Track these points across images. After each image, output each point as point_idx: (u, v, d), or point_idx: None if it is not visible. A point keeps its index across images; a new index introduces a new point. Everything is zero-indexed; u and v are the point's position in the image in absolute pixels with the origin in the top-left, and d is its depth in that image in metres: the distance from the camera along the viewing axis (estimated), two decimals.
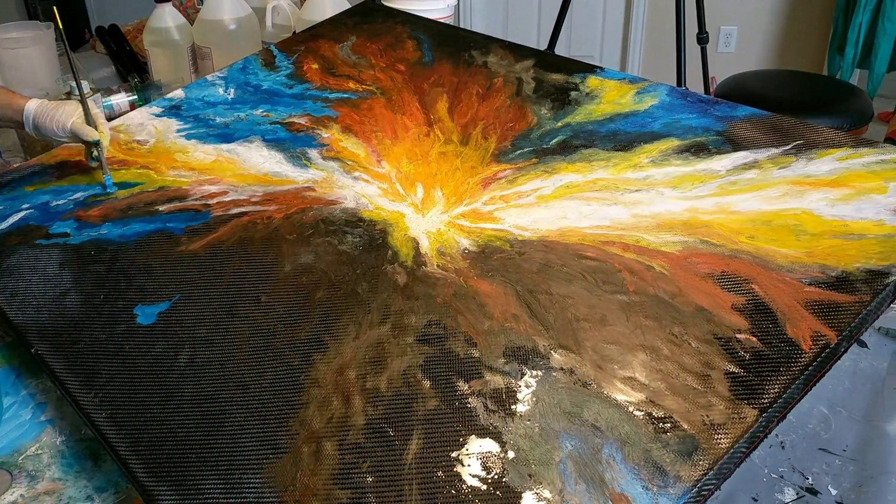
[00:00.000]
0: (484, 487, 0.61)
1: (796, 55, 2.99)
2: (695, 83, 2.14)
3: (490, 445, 0.64)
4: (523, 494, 0.60)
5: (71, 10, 3.67)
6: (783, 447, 0.83)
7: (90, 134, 1.06)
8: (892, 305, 1.02)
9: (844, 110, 1.73)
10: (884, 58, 2.51)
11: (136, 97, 1.49)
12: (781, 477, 0.80)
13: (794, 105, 1.74)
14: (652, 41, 2.78)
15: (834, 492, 0.78)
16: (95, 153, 1.08)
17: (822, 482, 0.79)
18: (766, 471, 0.80)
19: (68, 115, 1.07)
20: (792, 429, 0.85)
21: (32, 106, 1.09)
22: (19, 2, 3.78)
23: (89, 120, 1.07)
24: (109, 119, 1.21)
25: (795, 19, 2.94)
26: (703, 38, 2.16)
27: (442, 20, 1.62)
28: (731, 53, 2.99)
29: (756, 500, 0.77)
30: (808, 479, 0.79)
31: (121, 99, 1.49)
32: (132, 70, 1.69)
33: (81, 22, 3.81)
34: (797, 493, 0.78)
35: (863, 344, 0.97)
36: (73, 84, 1.33)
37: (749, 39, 2.99)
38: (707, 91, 2.20)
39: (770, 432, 0.65)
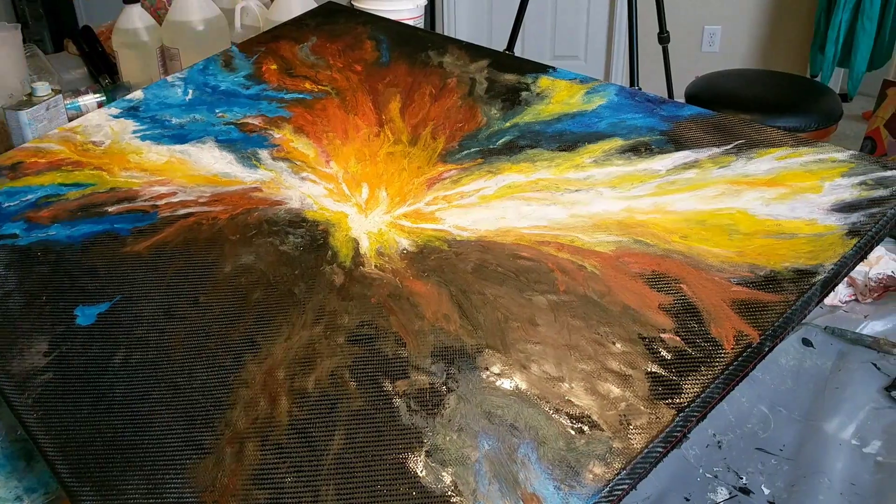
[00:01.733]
0: (399, 488, 0.61)
1: (780, 54, 2.99)
2: (679, 84, 2.15)
3: (409, 446, 0.64)
4: (437, 495, 0.60)
5: (58, 11, 3.67)
6: (720, 447, 0.83)
7: None
8: (842, 305, 1.02)
9: (813, 110, 1.73)
10: (863, 57, 2.50)
11: (104, 98, 1.49)
12: (716, 476, 0.80)
13: (764, 104, 1.74)
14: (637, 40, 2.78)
15: (767, 491, 0.78)
16: None
17: (756, 482, 0.79)
18: (700, 470, 0.81)
19: None
20: (730, 428, 0.86)
21: None
22: (7, 3, 3.79)
23: None
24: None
25: (779, 19, 2.94)
26: (663, 38, 2.16)
27: (412, 21, 1.62)
28: (715, 53, 2.99)
29: (688, 500, 0.77)
30: (742, 478, 0.80)
31: (89, 100, 1.50)
32: (104, 71, 1.69)
33: (69, 23, 3.82)
34: (730, 493, 0.78)
35: (809, 343, 0.97)
36: (36, 85, 1.33)
37: (733, 39, 2.99)
38: (670, 91, 2.20)
39: (689, 432, 0.65)
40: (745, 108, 1.71)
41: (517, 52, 3.15)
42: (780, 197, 0.82)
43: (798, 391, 0.91)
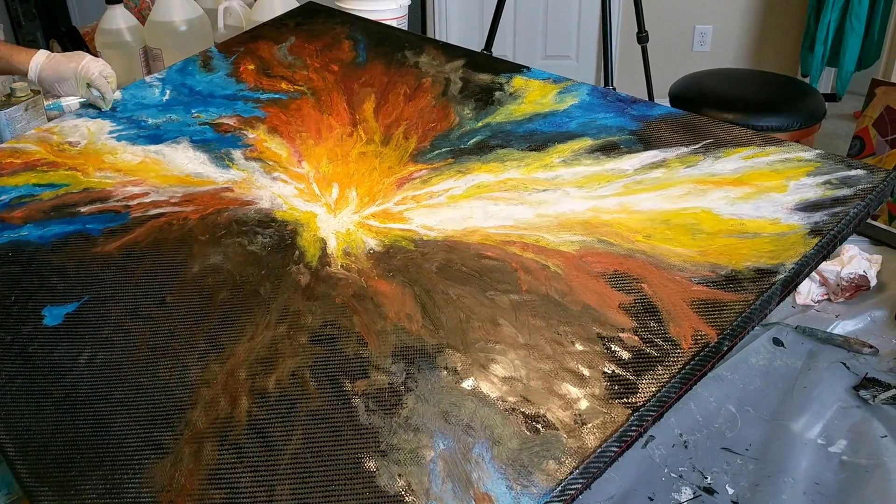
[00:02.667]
0: (354, 488, 0.61)
1: (771, 54, 2.98)
2: (661, 85, 2.14)
3: (365, 446, 0.64)
4: (391, 494, 0.60)
5: (51, 11, 3.67)
6: (686, 446, 0.83)
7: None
8: (814, 305, 1.02)
9: (796, 109, 1.73)
10: (852, 56, 2.50)
11: (86, 99, 1.49)
12: (680, 476, 0.80)
13: (747, 104, 1.74)
14: (628, 39, 2.77)
15: (731, 491, 0.78)
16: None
17: (720, 481, 0.79)
18: (665, 470, 0.81)
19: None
20: (697, 428, 0.86)
21: (37, 61, 1.22)
22: (0, 3, 3.79)
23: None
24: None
25: (770, 18, 2.94)
26: (642, 38, 2.16)
27: (395, 21, 1.62)
28: (707, 52, 2.99)
29: (652, 500, 0.77)
30: (707, 478, 0.80)
31: (71, 101, 1.49)
32: None
33: (63, 22, 3.82)
34: (694, 493, 0.78)
35: (779, 343, 0.97)
36: (15, 86, 1.33)
37: (724, 38, 2.98)
38: (650, 91, 2.20)
39: (645, 431, 0.65)
40: (728, 107, 1.71)
41: (509, 52, 3.15)
42: (745, 196, 0.82)
43: (767, 391, 0.91)
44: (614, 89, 1.07)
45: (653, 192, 0.85)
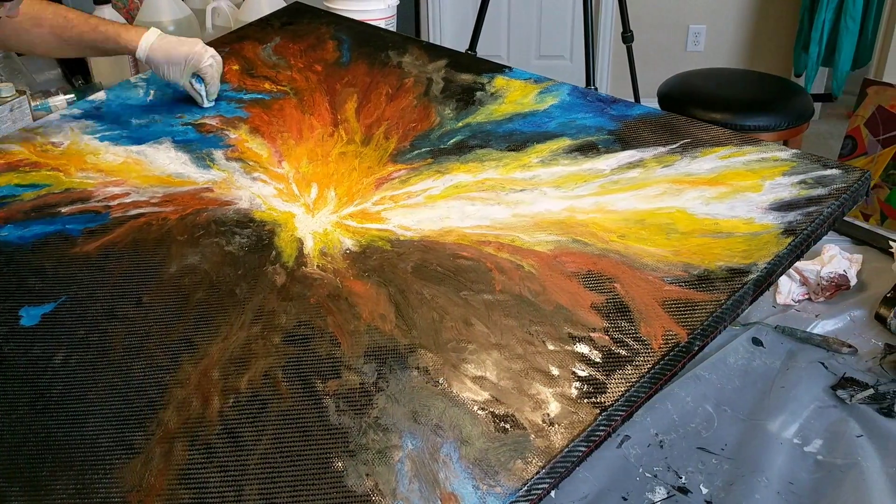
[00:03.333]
0: (321, 488, 0.62)
1: (765, 54, 2.98)
2: (655, 85, 2.14)
3: (334, 446, 0.64)
4: (358, 494, 0.61)
5: None
6: (661, 446, 0.83)
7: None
8: (794, 304, 1.02)
9: (783, 109, 1.73)
10: (847, 56, 2.50)
11: (73, 99, 1.49)
12: (655, 476, 0.80)
13: (735, 103, 1.74)
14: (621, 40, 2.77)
15: (705, 490, 0.78)
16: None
17: (694, 481, 0.79)
18: (640, 470, 0.81)
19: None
20: (673, 428, 0.86)
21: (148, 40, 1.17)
22: None
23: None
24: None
25: (764, 17, 2.94)
26: (627, 37, 2.16)
27: (383, 21, 1.62)
28: (700, 52, 2.99)
29: (626, 500, 0.77)
30: (681, 478, 0.80)
31: (58, 101, 1.50)
32: (77, 72, 1.69)
33: None
34: (668, 493, 0.78)
35: (759, 343, 0.97)
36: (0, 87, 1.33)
37: (718, 38, 2.98)
38: (636, 91, 2.20)
39: (614, 431, 0.65)
40: (715, 107, 1.71)
41: (503, 52, 3.15)
42: (721, 196, 0.82)
43: (745, 390, 0.91)
44: (596, 89, 1.07)
45: (629, 191, 0.85)
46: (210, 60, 1.16)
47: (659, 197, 0.83)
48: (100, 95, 1.27)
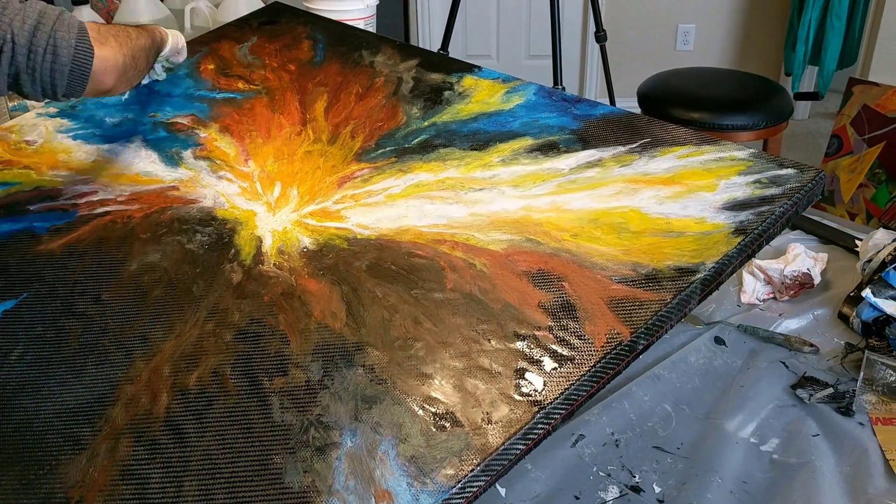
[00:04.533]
0: (259, 484, 0.62)
1: (755, 53, 2.98)
2: (632, 85, 2.12)
3: (275, 443, 0.65)
4: (294, 491, 0.61)
5: None
6: (617, 445, 0.83)
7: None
8: (759, 303, 1.02)
9: (762, 108, 1.73)
10: (833, 55, 2.49)
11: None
12: (609, 475, 0.80)
13: (713, 103, 1.74)
14: (610, 39, 2.76)
15: (658, 490, 0.78)
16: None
17: (648, 480, 0.79)
18: (594, 469, 0.81)
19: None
20: (630, 427, 0.86)
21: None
22: None
23: None
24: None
25: (754, 17, 2.93)
26: (600, 37, 2.15)
27: (362, 21, 1.63)
28: (690, 52, 2.98)
29: (578, 499, 0.78)
30: (635, 477, 0.80)
31: (37, 101, 1.50)
32: None
33: None
34: (620, 492, 0.78)
35: (721, 342, 0.97)
36: None
37: (707, 37, 2.98)
38: (611, 90, 2.19)
39: (554, 429, 0.65)
40: (694, 106, 1.70)
41: (492, 52, 3.15)
42: (675, 195, 0.82)
43: (704, 390, 0.91)
44: (563, 89, 1.07)
45: (585, 191, 0.85)
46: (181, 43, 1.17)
47: (614, 196, 0.83)
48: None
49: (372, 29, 1.66)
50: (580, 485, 0.79)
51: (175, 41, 1.15)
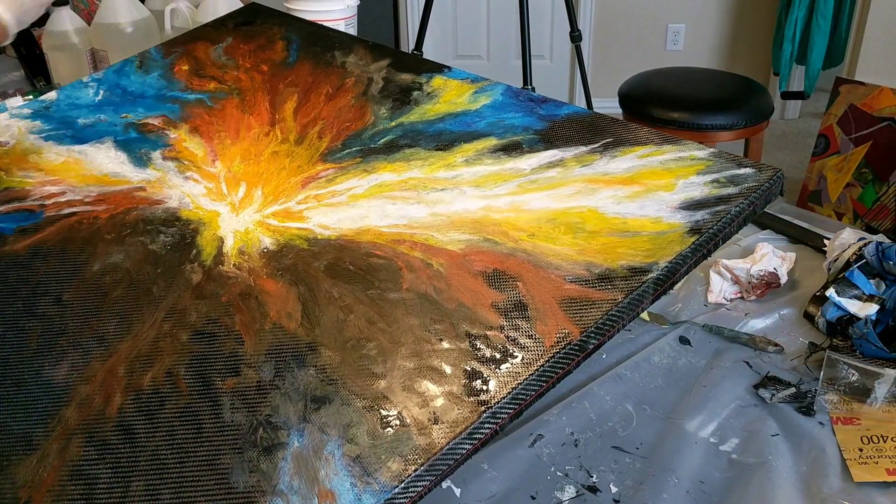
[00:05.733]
0: (205, 484, 0.62)
1: (745, 52, 2.98)
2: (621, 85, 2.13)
3: (223, 443, 0.65)
4: (239, 491, 0.61)
5: None
6: (576, 445, 0.83)
7: None
8: (726, 303, 1.02)
9: (742, 108, 1.73)
10: (819, 54, 2.49)
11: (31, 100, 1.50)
12: (566, 475, 0.80)
13: (693, 102, 1.74)
14: (599, 39, 2.77)
15: (614, 489, 0.78)
16: None
17: (605, 480, 0.79)
18: (552, 468, 0.81)
19: None
20: (589, 426, 0.86)
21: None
22: None
23: None
24: None
25: (744, 16, 2.93)
26: (575, 37, 2.15)
27: (342, 21, 1.63)
28: (680, 51, 2.98)
29: (534, 498, 0.78)
30: (592, 477, 0.80)
31: (16, 102, 1.50)
32: (40, 74, 1.70)
33: (37, 22, 3.81)
34: (577, 491, 0.78)
35: (686, 341, 0.97)
36: None
37: (697, 37, 2.98)
38: (587, 90, 2.20)
39: (501, 429, 0.65)
40: (674, 106, 1.71)
41: (482, 52, 3.16)
42: (633, 195, 0.82)
43: (667, 389, 0.91)
44: (533, 89, 1.07)
45: (545, 191, 0.85)
46: None
47: (573, 196, 0.83)
48: (51, 95, 1.28)
49: (353, 30, 1.67)
50: (537, 485, 0.79)
51: None
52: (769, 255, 1.01)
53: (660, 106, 1.71)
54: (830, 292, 0.93)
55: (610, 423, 0.86)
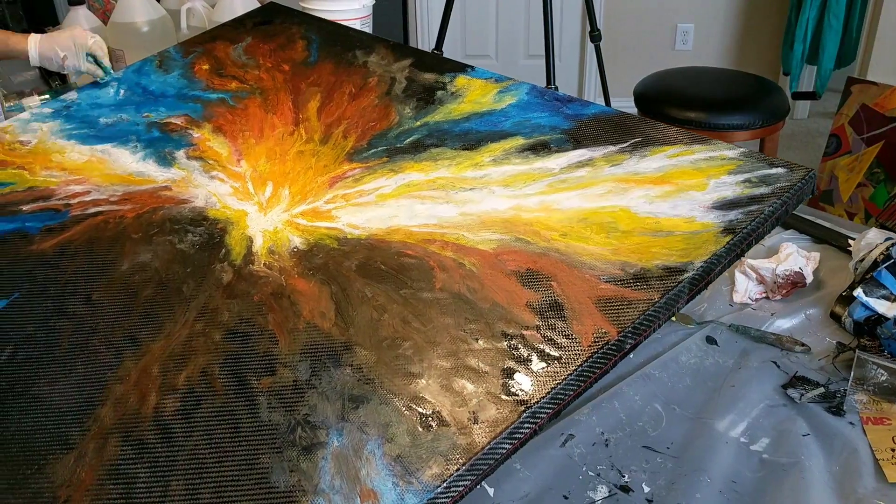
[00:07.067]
0: (245, 483, 0.62)
1: (754, 52, 2.97)
2: (630, 85, 2.12)
3: (262, 442, 0.65)
4: (280, 491, 0.61)
5: (37, 12, 3.68)
6: (607, 445, 0.83)
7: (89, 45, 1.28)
8: (751, 303, 1.02)
9: (758, 108, 1.73)
10: (830, 54, 2.48)
11: (48, 100, 1.50)
12: (598, 474, 0.80)
13: (709, 102, 1.73)
14: (608, 39, 2.76)
15: (647, 489, 0.78)
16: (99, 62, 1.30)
17: (637, 479, 0.79)
18: (584, 468, 0.81)
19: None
20: (620, 426, 0.86)
21: (34, 40, 1.28)
22: None
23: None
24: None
25: (753, 16, 2.92)
26: (595, 36, 2.15)
27: (358, 21, 1.63)
28: (689, 51, 2.98)
29: (567, 498, 0.77)
30: (624, 476, 0.80)
31: (33, 102, 1.51)
32: (55, 73, 1.70)
33: (51, 23, 3.83)
34: (609, 491, 0.78)
35: (713, 341, 0.97)
36: None
37: (706, 37, 2.97)
38: (605, 90, 2.19)
39: (541, 428, 0.65)
40: (690, 106, 1.70)
41: (491, 52, 3.15)
42: (665, 195, 0.82)
43: (695, 389, 0.90)
44: (556, 88, 1.07)
45: (575, 190, 0.85)
46: (93, 38, 1.29)
47: (604, 196, 0.83)
48: (71, 95, 1.28)
49: (368, 29, 1.67)
50: (569, 484, 0.79)
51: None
52: (794, 255, 1.01)
53: (675, 105, 1.71)
54: (858, 292, 0.93)
55: (640, 422, 0.86)
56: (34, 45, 1.28)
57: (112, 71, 1.31)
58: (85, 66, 1.28)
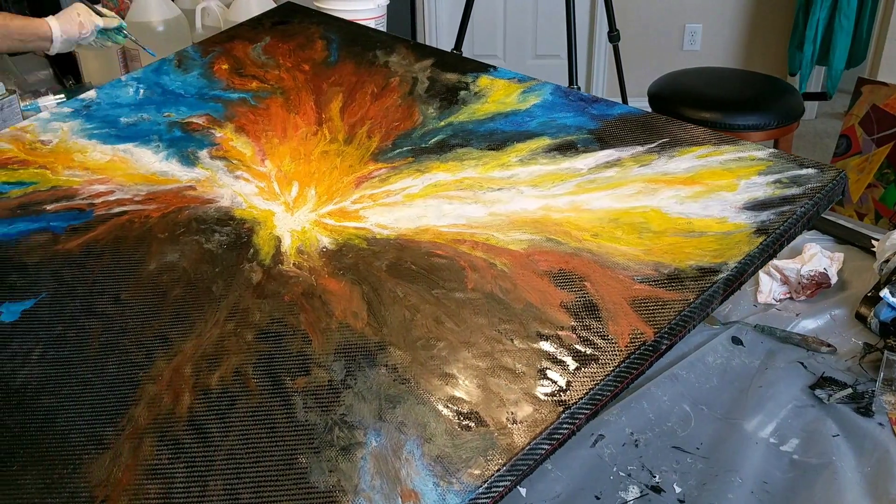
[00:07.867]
0: (284, 484, 0.62)
1: (761, 52, 2.97)
2: (639, 85, 2.12)
3: (299, 442, 0.65)
4: (320, 491, 0.61)
5: (43, 10, 3.67)
6: (637, 445, 0.83)
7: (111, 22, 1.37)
8: (776, 303, 1.02)
9: (773, 108, 1.73)
10: (841, 55, 2.49)
11: (63, 99, 1.50)
12: (629, 475, 0.80)
13: (724, 103, 1.74)
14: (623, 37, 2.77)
15: (678, 490, 0.78)
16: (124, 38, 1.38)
17: (668, 480, 0.79)
18: (614, 469, 0.81)
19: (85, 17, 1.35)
20: (649, 427, 0.86)
21: (55, 22, 1.34)
22: None
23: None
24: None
25: (760, 16, 2.93)
26: (613, 37, 2.16)
27: (373, 20, 1.63)
28: (697, 51, 2.98)
29: (599, 499, 0.77)
30: (655, 477, 0.80)
31: (48, 101, 1.51)
32: (69, 72, 1.70)
33: None
34: (641, 492, 0.78)
35: (738, 342, 0.97)
36: None
37: (714, 37, 2.98)
38: (623, 90, 2.19)
39: (579, 429, 0.65)
40: (705, 106, 1.71)
41: (499, 51, 3.15)
42: (695, 195, 0.82)
43: (722, 390, 0.91)
44: (578, 89, 1.07)
45: (604, 191, 0.85)
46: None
47: (634, 196, 0.83)
48: (90, 94, 1.28)
49: (383, 28, 1.67)
50: (601, 485, 0.79)
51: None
52: (818, 256, 1.01)
53: (691, 106, 1.71)
54: (884, 293, 0.93)
55: (669, 423, 0.86)
56: (55, 23, 1.33)
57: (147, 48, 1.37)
58: (104, 22, 1.35)
